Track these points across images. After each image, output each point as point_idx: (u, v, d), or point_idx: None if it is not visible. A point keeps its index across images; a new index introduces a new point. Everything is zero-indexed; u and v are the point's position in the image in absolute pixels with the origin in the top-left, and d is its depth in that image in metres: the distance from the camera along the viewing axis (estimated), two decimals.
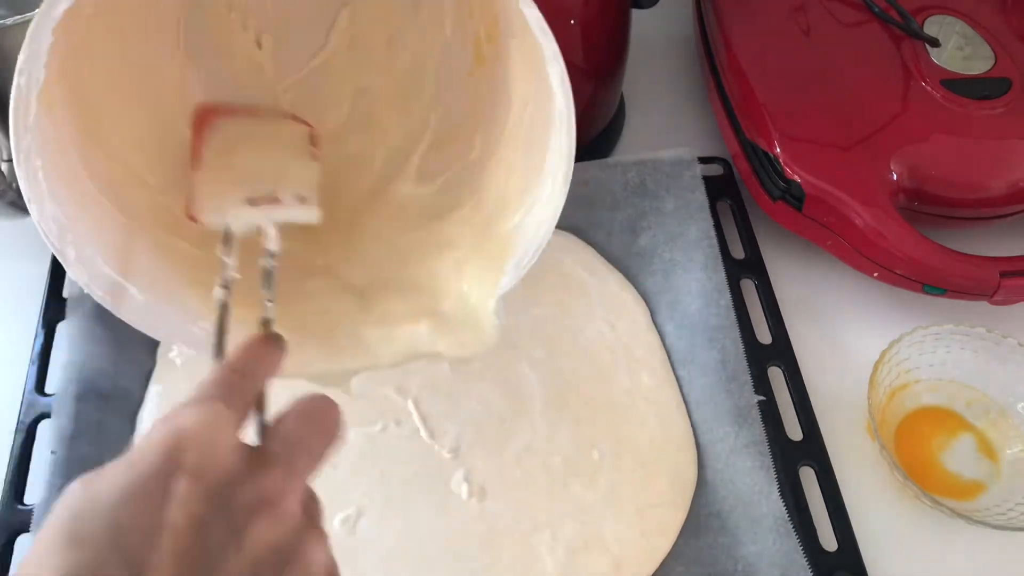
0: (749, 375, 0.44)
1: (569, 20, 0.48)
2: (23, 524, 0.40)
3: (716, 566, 0.40)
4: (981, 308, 0.46)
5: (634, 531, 0.41)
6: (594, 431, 0.45)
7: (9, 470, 0.42)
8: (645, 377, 0.47)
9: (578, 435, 0.45)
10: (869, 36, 0.53)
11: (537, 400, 0.46)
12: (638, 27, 0.54)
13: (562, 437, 0.45)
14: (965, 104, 0.49)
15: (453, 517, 0.42)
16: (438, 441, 0.44)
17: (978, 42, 0.52)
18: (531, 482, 0.43)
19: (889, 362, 0.44)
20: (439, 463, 0.44)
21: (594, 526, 0.42)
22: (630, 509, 0.42)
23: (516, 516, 0.42)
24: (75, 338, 0.45)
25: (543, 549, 0.41)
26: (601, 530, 0.41)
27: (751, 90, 0.50)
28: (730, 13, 0.55)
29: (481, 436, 0.44)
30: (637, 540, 0.41)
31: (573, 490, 0.43)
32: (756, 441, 0.41)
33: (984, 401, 0.45)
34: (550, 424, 0.45)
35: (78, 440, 0.42)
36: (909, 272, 0.46)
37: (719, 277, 0.47)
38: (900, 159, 0.47)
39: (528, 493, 0.43)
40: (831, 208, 0.47)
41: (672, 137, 0.58)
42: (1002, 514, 0.40)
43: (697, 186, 0.50)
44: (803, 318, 0.49)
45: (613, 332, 0.48)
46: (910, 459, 0.43)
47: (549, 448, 0.44)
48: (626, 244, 0.51)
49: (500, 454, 0.44)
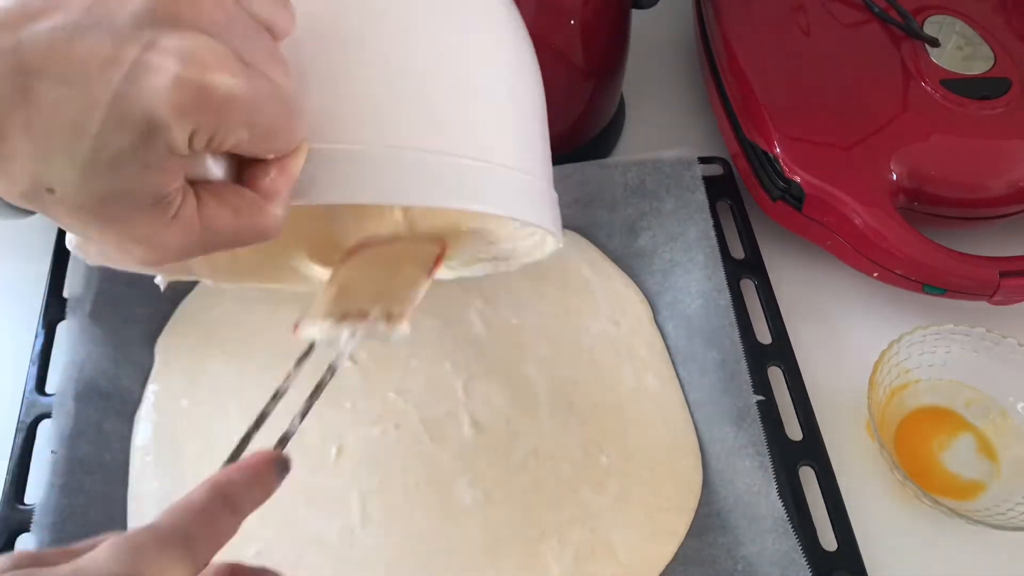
0: (749, 375, 0.43)
1: (569, 20, 0.48)
2: (23, 524, 0.40)
3: (716, 566, 0.40)
4: (981, 308, 0.46)
5: (643, 536, 0.41)
6: (601, 435, 0.44)
7: (9, 470, 0.42)
8: (650, 378, 0.46)
9: (586, 439, 0.44)
10: (869, 36, 0.53)
11: (544, 403, 0.45)
12: (638, 27, 0.54)
13: (569, 441, 0.44)
14: (965, 104, 0.49)
15: (457, 525, 0.41)
16: (440, 446, 0.43)
17: (978, 42, 0.52)
18: (538, 487, 0.42)
19: (889, 362, 0.44)
20: (442, 469, 0.43)
21: (602, 532, 0.41)
22: (639, 515, 0.41)
23: (522, 523, 0.41)
24: (75, 338, 0.45)
25: (550, 557, 0.40)
26: (609, 536, 0.41)
27: (751, 90, 0.50)
28: (730, 13, 0.55)
29: (486, 440, 0.44)
30: (645, 545, 0.41)
31: (581, 496, 0.42)
32: (755, 441, 0.41)
33: (984, 401, 0.45)
34: (557, 427, 0.44)
35: (78, 440, 0.42)
36: (909, 272, 0.46)
37: (719, 277, 0.47)
38: (900, 159, 0.47)
39: (535, 499, 0.42)
40: (831, 208, 0.47)
41: (672, 137, 0.58)
42: (1002, 514, 0.40)
43: (697, 186, 0.50)
44: (803, 318, 0.49)
45: (618, 330, 0.48)
46: (910, 459, 0.43)
47: (556, 452, 0.43)
48: (626, 244, 0.51)
49: (506, 458, 0.43)
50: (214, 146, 0.22)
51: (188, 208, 0.23)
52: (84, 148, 0.20)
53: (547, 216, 0.32)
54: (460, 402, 0.45)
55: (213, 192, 0.23)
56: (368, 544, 0.40)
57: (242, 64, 0.21)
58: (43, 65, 0.19)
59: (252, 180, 0.24)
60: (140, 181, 0.21)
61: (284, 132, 0.23)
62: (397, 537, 0.41)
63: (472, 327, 0.48)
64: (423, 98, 0.28)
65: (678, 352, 0.47)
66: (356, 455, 0.43)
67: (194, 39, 0.20)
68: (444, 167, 0.28)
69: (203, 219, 0.23)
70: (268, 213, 0.24)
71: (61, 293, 0.48)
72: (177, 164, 0.21)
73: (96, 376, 0.44)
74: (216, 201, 0.23)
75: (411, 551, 0.40)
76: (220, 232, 0.23)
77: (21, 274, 0.51)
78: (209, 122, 0.21)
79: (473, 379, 0.46)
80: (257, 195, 0.24)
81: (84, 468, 0.41)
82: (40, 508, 0.39)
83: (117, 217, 0.22)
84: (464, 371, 0.46)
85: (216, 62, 0.20)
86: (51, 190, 0.21)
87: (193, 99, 0.20)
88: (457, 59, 0.29)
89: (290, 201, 0.25)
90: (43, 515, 0.39)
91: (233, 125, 0.21)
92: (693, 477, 0.43)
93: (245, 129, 0.22)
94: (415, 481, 0.42)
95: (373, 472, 0.43)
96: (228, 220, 0.23)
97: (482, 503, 0.42)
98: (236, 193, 0.24)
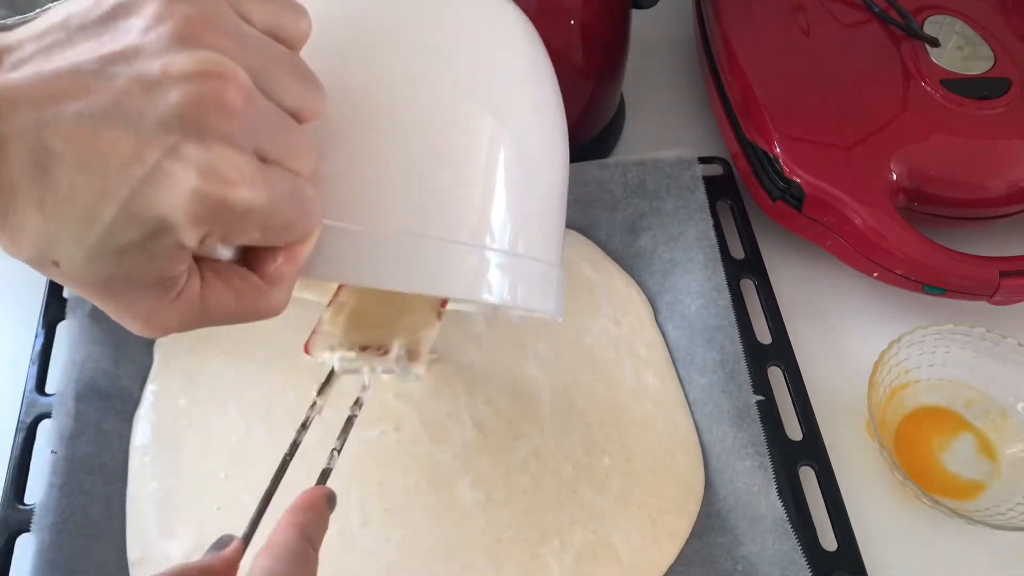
0: (748, 375, 0.43)
1: (569, 20, 0.48)
2: (23, 524, 0.40)
3: (716, 566, 0.40)
4: (981, 308, 0.46)
5: (645, 538, 0.41)
6: (603, 435, 0.44)
7: (9, 470, 0.42)
8: (651, 378, 0.46)
9: (587, 439, 0.44)
10: (869, 36, 0.53)
11: (545, 402, 0.45)
12: (638, 27, 0.54)
13: (571, 441, 0.44)
14: (965, 104, 0.49)
15: (457, 527, 0.41)
16: (441, 447, 0.43)
17: (978, 42, 0.52)
18: (539, 488, 0.42)
19: (889, 362, 0.44)
20: (442, 470, 0.42)
21: (604, 534, 0.41)
22: (642, 516, 0.41)
23: (523, 525, 0.41)
24: (75, 338, 0.45)
25: (551, 559, 0.40)
26: (611, 538, 0.41)
27: (751, 90, 0.50)
28: (730, 13, 0.55)
29: (487, 440, 0.44)
30: (648, 547, 0.41)
31: (583, 497, 0.42)
32: (755, 441, 0.41)
33: (984, 401, 0.45)
34: (558, 427, 0.44)
35: (78, 440, 0.42)
36: (909, 272, 0.46)
37: (719, 277, 0.47)
38: (900, 159, 0.47)
39: (536, 500, 0.42)
40: (831, 208, 0.47)
41: (672, 137, 0.58)
42: (1002, 514, 0.40)
43: (697, 186, 0.50)
44: (803, 318, 0.49)
45: (619, 329, 0.48)
46: (910, 459, 0.43)
47: (558, 453, 0.43)
48: (626, 244, 0.51)
49: (507, 459, 0.43)
50: (225, 243, 0.22)
51: (191, 290, 0.23)
52: (94, 236, 0.20)
53: (551, 302, 0.32)
54: (462, 403, 0.45)
55: (217, 273, 0.23)
56: (368, 546, 0.40)
57: (264, 170, 0.21)
58: (64, 149, 0.19)
59: (259, 265, 0.24)
60: (145, 268, 0.21)
61: (298, 227, 0.23)
62: (397, 539, 0.41)
63: (473, 326, 0.48)
64: (442, 187, 0.28)
65: (678, 352, 0.47)
66: (356, 457, 0.43)
67: (219, 152, 0.20)
68: (452, 256, 0.27)
69: (204, 299, 0.23)
70: (270, 298, 0.24)
71: (61, 293, 0.48)
72: (185, 255, 0.22)
73: (96, 376, 0.44)
74: (220, 283, 0.23)
75: (411, 553, 0.40)
76: (220, 314, 0.23)
77: (21, 274, 0.50)
78: (222, 229, 0.21)
79: (475, 379, 0.46)
80: (263, 281, 0.24)
81: (84, 468, 0.41)
82: (40, 508, 0.39)
83: (120, 294, 0.22)
84: (466, 371, 0.46)
85: (238, 178, 0.20)
86: (56, 264, 0.21)
87: (209, 212, 0.20)
88: (478, 150, 0.29)
89: (294, 284, 0.25)
90: (43, 515, 0.39)
91: (247, 230, 0.22)
92: (694, 477, 0.43)
93: (259, 232, 0.22)
94: (415, 482, 0.42)
95: (373, 474, 0.42)
96: (230, 303, 0.23)
97: (483, 504, 0.42)
98: (241, 277, 0.24)
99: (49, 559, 0.38)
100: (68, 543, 0.39)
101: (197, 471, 0.43)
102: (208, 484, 0.42)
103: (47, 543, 0.38)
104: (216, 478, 0.42)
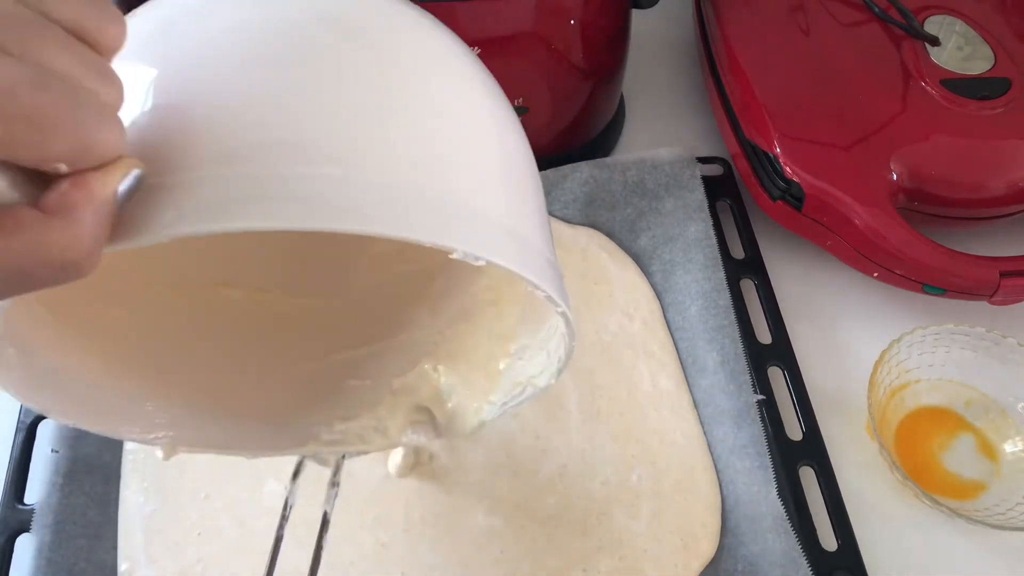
0: (748, 375, 0.44)
1: (569, 20, 0.48)
2: (23, 524, 0.40)
3: (716, 566, 0.40)
4: (981, 308, 0.46)
5: (678, 565, 0.38)
6: (629, 448, 0.41)
7: (9, 470, 0.42)
8: (664, 380, 0.45)
9: (616, 454, 0.41)
10: (869, 36, 0.53)
11: (574, 411, 0.43)
12: (638, 27, 0.54)
13: (601, 456, 0.40)
14: (965, 104, 0.49)
15: (475, 552, 0.38)
16: (462, 469, 0.41)
17: (978, 42, 0.52)
18: (567, 510, 0.39)
19: (889, 362, 0.44)
20: (460, 495, 0.40)
21: (632, 560, 0.38)
22: (675, 541, 0.39)
23: (546, 553, 0.38)
24: None
25: None
26: (641, 565, 0.38)
27: (751, 90, 0.50)
28: (730, 13, 0.55)
29: (512, 458, 0.41)
30: (676, 574, 0.38)
31: (614, 519, 0.39)
32: (756, 441, 0.41)
33: (984, 401, 0.45)
34: (587, 440, 0.41)
35: (79, 439, 0.42)
36: (909, 272, 0.46)
37: (719, 277, 0.47)
38: (900, 159, 0.47)
39: (562, 524, 0.39)
40: (831, 208, 0.47)
41: (672, 137, 0.58)
42: (1002, 514, 0.40)
43: (697, 186, 0.50)
44: (803, 318, 0.49)
45: (632, 324, 0.47)
46: (910, 459, 0.43)
47: (587, 470, 0.40)
48: (625, 244, 0.51)
49: (534, 477, 0.40)
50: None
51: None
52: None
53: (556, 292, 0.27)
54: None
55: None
56: None
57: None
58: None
59: (40, 201, 0.18)
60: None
61: (65, 131, 0.18)
62: (406, 567, 0.38)
63: None
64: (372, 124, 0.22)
65: (679, 353, 0.47)
66: (365, 493, 0.40)
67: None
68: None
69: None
70: (53, 234, 0.18)
71: None
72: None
73: None
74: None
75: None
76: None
77: None
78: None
79: None
80: (39, 212, 0.18)
81: (84, 468, 0.41)
82: (40, 508, 0.39)
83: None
84: None
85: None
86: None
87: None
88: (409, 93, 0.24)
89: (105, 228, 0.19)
90: (43, 515, 0.39)
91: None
92: (714, 494, 0.41)
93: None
94: (420, 515, 0.39)
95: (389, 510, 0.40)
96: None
97: (499, 534, 0.38)
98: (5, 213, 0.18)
99: (49, 559, 0.38)
100: (68, 543, 0.39)
101: (192, 469, 0.42)
102: (188, 505, 0.41)
103: (47, 543, 0.38)
104: (196, 498, 0.41)
